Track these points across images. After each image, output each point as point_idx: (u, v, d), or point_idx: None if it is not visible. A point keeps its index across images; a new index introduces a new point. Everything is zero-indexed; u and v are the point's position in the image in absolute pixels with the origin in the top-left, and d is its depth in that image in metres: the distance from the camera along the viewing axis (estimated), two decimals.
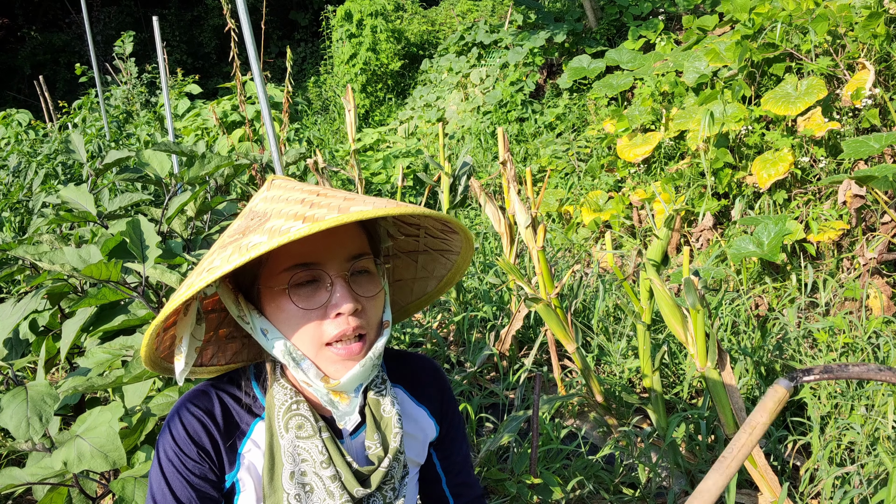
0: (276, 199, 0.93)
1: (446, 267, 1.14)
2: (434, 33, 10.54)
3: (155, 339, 0.95)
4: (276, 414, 0.96)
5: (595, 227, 4.57)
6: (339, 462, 0.95)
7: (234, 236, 0.89)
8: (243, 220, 0.93)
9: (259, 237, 0.83)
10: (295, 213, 0.85)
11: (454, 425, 1.18)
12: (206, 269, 0.86)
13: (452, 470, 1.18)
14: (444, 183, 3.68)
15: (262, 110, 2.75)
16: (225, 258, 0.84)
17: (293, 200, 0.90)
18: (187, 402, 1.00)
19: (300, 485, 0.95)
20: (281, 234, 0.81)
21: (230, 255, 0.83)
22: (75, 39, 15.44)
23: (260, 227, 0.86)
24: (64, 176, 6.00)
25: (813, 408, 2.38)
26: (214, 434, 0.98)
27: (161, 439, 0.99)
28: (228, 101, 6.60)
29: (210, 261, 0.87)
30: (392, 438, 0.99)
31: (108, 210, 2.49)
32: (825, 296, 3.13)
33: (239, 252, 0.82)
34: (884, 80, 3.83)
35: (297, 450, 0.95)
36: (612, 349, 3.09)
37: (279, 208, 0.89)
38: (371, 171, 6.03)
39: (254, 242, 0.82)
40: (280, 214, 0.87)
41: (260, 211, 0.92)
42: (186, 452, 0.97)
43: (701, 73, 4.70)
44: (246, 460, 0.99)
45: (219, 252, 0.87)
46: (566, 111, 6.58)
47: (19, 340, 2.13)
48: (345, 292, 0.91)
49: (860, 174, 2.75)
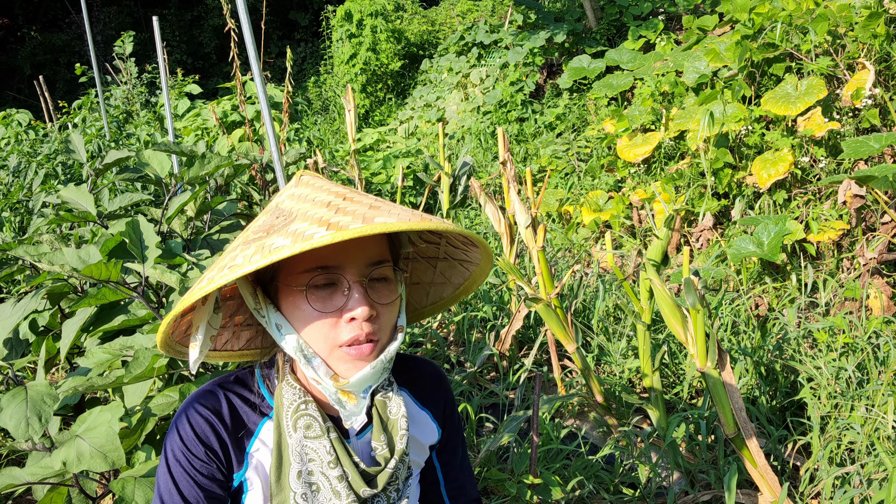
0: (302, 197, 0.94)
1: (464, 276, 1.15)
2: (434, 33, 10.54)
3: (171, 324, 0.96)
4: (285, 413, 0.97)
5: (595, 227, 4.57)
6: (346, 462, 0.96)
7: (258, 234, 0.90)
8: (268, 217, 0.94)
9: (282, 240, 0.84)
10: (320, 218, 0.86)
11: (455, 430, 1.19)
12: (227, 265, 0.86)
13: (451, 473, 1.20)
14: (444, 183, 3.68)
15: (262, 110, 2.75)
16: (247, 257, 0.85)
17: (319, 202, 0.91)
18: (195, 401, 1.00)
19: (307, 484, 0.96)
20: (304, 239, 0.82)
21: (252, 255, 0.84)
22: (75, 39, 15.44)
23: (284, 229, 0.87)
24: (64, 176, 6.00)
25: (813, 408, 2.38)
26: (222, 433, 0.98)
27: (168, 439, 1.00)
28: (228, 101, 6.60)
29: (232, 257, 0.88)
30: (398, 440, 1.00)
31: (108, 210, 2.48)
32: (825, 296, 3.13)
33: (262, 253, 0.83)
34: (884, 80, 3.83)
35: (304, 449, 0.96)
36: (612, 349, 3.09)
37: (304, 209, 0.90)
38: (371, 171, 6.03)
39: (277, 245, 0.83)
40: (305, 217, 0.88)
41: (286, 209, 0.93)
42: (194, 452, 0.97)
43: (701, 73, 4.70)
44: (254, 459, 0.99)
45: (242, 248, 0.88)
46: (566, 111, 6.58)
47: (19, 340, 2.13)
48: (361, 298, 0.92)
49: (860, 174, 2.75)
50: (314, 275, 0.92)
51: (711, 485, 2.32)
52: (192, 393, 1.03)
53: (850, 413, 2.34)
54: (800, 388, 2.60)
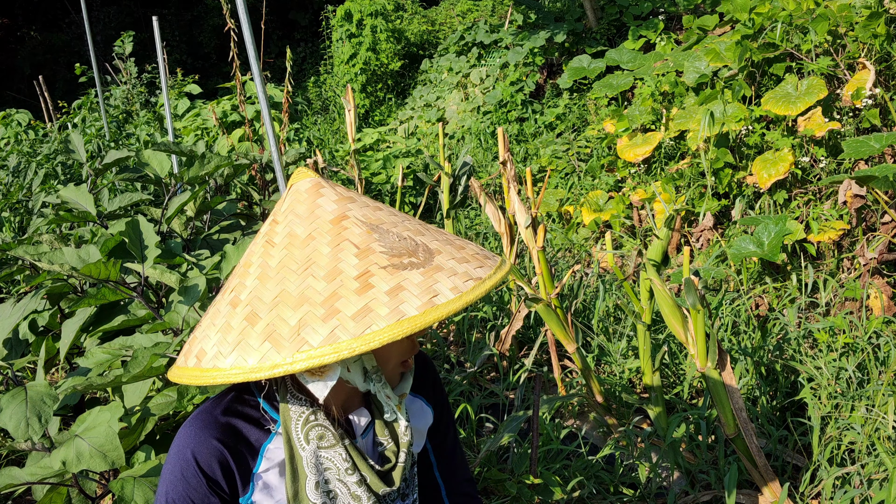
0: (421, 230, 0.93)
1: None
2: (434, 33, 10.54)
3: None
4: (294, 426, 0.95)
5: (595, 227, 4.57)
6: (363, 466, 0.97)
7: (405, 259, 0.86)
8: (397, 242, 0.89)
9: (446, 289, 0.84)
10: (461, 272, 0.87)
11: (445, 411, 1.22)
12: (361, 314, 0.81)
13: (444, 455, 1.22)
14: (444, 183, 3.68)
15: (261, 110, 2.75)
16: (382, 318, 0.80)
17: (445, 241, 0.93)
18: (197, 432, 0.97)
19: (325, 493, 0.96)
20: (460, 294, 0.84)
21: (387, 315, 0.80)
22: (75, 39, 15.43)
23: (423, 290, 0.83)
24: (64, 176, 5.99)
25: (813, 408, 2.38)
26: (229, 462, 0.96)
27: (167, 471, 0.97)
28: (228, 101, 6.60)
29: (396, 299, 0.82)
30: (402, 433, 1.02)
31: (107, 210, 2.49)
32: (825, 296, 3.13)
33: (399, 326, 0.80)
34: (884, 80, 3.83)
35: (319, 460, 0.95)
36: (612, 349, 3.09)
37: (437, 248, 0.90)
38: (371, 171, 6.03)
39: (442, 297, 0.83)
40: (445, 265, 0.87)
41: (424, 246, 0.89)
42: (195, 487, 0.96)
43: (701, 73, 4.70)
44: (261, 481, 0.98)
45: (397, 290, 0.83)
46: (566, 111, 6.58)
47: (19, 340, 2.13)
48: (414, 347, 1.00)
49: (860, 174, 2.74)
50: None
51: (711, 485, 2.32)
52: (191, 419, 0.99)
53: (850, 413, 2.34)
54: (800, 388, 2.60)
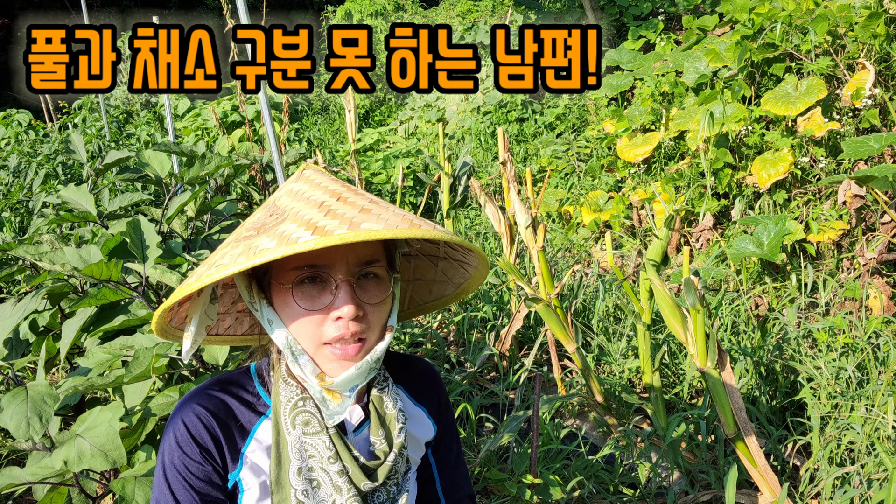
0: (299, 195, 0.95)
1: (464, 276, 1.16)
2: None
3: (167, 313, 0.98)
4: (283, 411, 0.97)
5: (595, 228, 4.57)
6: (346, 457, 0.97)
7: (250, 231, 0.91)
8: (263, 214, 0.95)
9: (269, 241, 0.85)
10: (308, 220, 0.87)
11: (449, 426, 1.21)
12: (215, 263, 0.88)
13: (446, 470, 1.21)
14: (444, 183, 3.68)
15: (262, 110, 2.75)
16: (234, 257, 0.86)
17: (313, 202, 0.92)
18: (188, 402, 1.00)
19: (307, 480, 0.96)
20: (289, 242, 0.83)
21: (239, 255, 0.86)
22: None
23: (273, 229, 0.87)
24: (64, 176, 5.99)
25: (813, 408, 2.38)
26: (216, 431, 0.98)
27: (163, 442, 0.99)
28: (228, 101, 6.61)
29: (221, 255, 0.89)
30: (396, 434, 1.01)
31: (108, 210, 2.49)
32: (825, 296, 3.13)
33: (247, 254, 0.84)
34: (884, 81, 3.83)
35: (304, 446, 0.96)
36: (612, 349, 3.10)
37: (297, 209, 0.91)
38: (371, 171, 6.03)
39: (263, 247, 0.84)
40: (296, 217, 0.88)
41: (280, 207, 0.94)
42: (189, 453, 0.97)
43: (701, 73, 4.70)
44: (249, 461, 0.99)
45: (232, 247, 0.89)
46: (566, 111, 6.59)
47: (19, 340, 2.13)
48: (348, 297, 0.92)
49: (860, 174, 2.75)
50: (302, 273, 0.92)
51: (711, 485, 2.32)
52: (186, 393, 1.03)
53: (850, 413, 2.34)
54: (800, 388, 2.60)
